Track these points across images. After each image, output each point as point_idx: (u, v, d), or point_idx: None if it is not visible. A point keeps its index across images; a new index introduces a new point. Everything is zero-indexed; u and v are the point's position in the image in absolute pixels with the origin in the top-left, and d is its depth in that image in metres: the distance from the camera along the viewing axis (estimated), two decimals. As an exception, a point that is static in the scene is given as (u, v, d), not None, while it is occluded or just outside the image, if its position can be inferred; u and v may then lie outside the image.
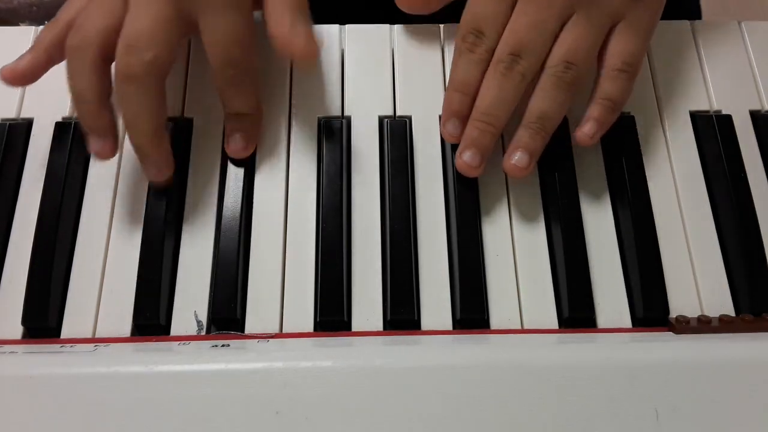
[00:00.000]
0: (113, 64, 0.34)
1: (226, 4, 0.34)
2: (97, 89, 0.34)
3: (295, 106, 0.40)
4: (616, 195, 0.38)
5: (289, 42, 0.34)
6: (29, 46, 0.41)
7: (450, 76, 0.38)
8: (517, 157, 0.36)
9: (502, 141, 0.39)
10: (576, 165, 0.38)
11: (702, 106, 0.41)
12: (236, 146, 0.37)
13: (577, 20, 0.36)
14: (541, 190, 0.38)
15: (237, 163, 0.37)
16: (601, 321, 0.35)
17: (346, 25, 0.42)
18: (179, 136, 0.38)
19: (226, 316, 0.34)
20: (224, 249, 0.36)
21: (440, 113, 0.40)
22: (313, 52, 0.34)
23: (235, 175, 0.37)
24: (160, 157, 0.35)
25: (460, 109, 0.37)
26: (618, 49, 0.37)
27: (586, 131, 0.37)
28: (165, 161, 0.36)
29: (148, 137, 0.34)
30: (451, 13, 0.43)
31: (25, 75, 0.36)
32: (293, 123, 0.39)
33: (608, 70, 0.37)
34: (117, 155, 0.37)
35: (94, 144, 0.35)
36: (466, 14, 0.37)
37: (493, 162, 0.38)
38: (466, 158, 0.36)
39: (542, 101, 0.36)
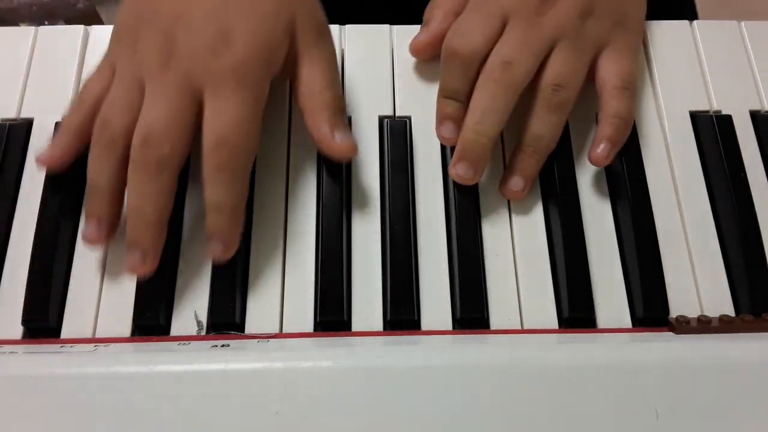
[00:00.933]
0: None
1: (231, 95, 0.34)
2: (116, 182, 0.34)
3: (295, 106, 0.39)
4: (616, 195, 0.38)
5: (330, 147, 0.36)
6: (29, 46, 0.41)
7: (440, 83, 0.38)
8: (512, 182, 0.37)
9: (503, 142, 0.39)
10: (576, 165, 0.38)
11: (702, 106, 0.41)
12: (214, 251, 0.34)
13: (563, 46, 0.37)
14: (541, 190, 0.38)
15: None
16: (601, 321, 0.35)
17: (346, 25, 0.42)
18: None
19: (226, 316, 0.34)
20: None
21: (440, 113, 0.40)
22: (352, 151, 0.36)
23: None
24: (150, 249, 0.34)
25: (453, 112, 0.37)
26: (613, 70, 0.38)
27: (600, 153, 0.37)
28: (153, 255, 0.34)
29: (149, 227, 0.34)
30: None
31: (61, 162, 0.36)
32: (293, 123, 0.39)
33: (610, 89, 0.37)
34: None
35: (90, 229, 0.35)
36: (456, 26, 0.38)
37: (493, 162, 0.38)
38: (459, 170, 0.37)
39: (535, 124, 0.37)
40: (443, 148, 0.39)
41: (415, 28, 0.42)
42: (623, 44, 0.39)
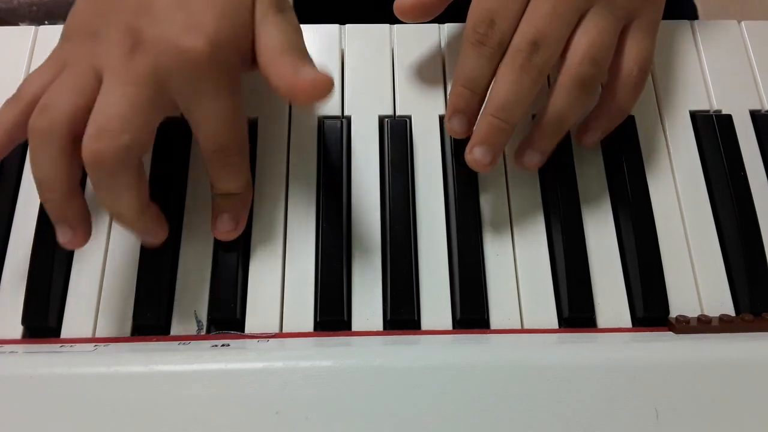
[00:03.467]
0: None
1: (212, 87, 0.32)
2: (65, 178, 0.31)
3: (295, 106, 0.39)
4: (616, 195, 0.38)
5: (296, 88, 0.32)
6: (29, 46, 0.41)
7: (457, 69, 0.36)
8: (528, 157, 0.36)
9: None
10: (576, 165, 0.38)
11: (702, 106, 0.41)
12: (224, 228, 0.35)
13: (597, 13, 0.34)
14: (541, 190, 0.38)
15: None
16: (601, 321, 0.35)
17: (346, 25, 0.42)
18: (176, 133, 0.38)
19: (226, 316, 0.34)
20: (224, 249, 0.36)
21: (440, 113, 0.40)
22: (326, 83, 0.32)
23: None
24: (151, 229, 0.34)
25: (467, 106, 0.35)
26: (634, 53, 0.36)
27: (593, 139, 0.37)
28: (158, 230, 0.34)
29: (133, 219, 0.33)
30: (451, 14, 0.43)
31: None
32: (293, 123, 0.39)
33: (624, 75, 0.36)
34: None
35: (62, 234, 0.33)
36: (477, 3, 0.35)
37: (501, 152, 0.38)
38: (477, 155, 0.34)
39: (562, 102, 0.34)
40: (443, 148, 0.39)
41: (415, 28, 0.42)
42: (650, 20, 0.36)
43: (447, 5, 0.37)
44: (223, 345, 0.32)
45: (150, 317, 0.34)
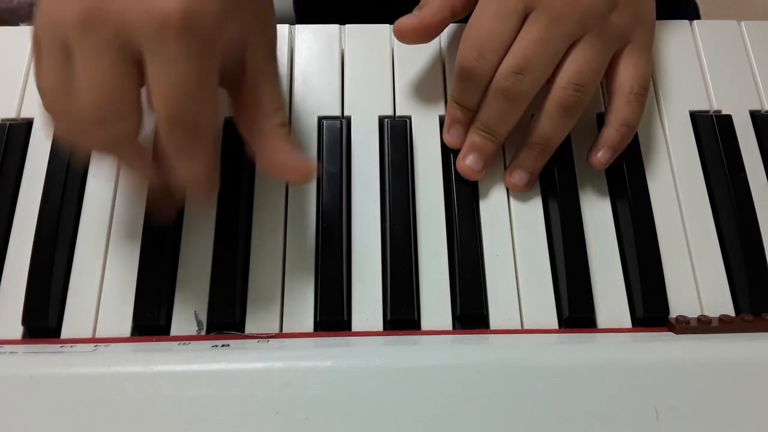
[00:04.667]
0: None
1: (174, 50, 0.28)
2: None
3: (295, 106, 0.39)
4: (616, 195, 0.38)
5: (297, 168, 0.32)
6: (29, 46, 0.41)
7: (451, 91, 0.38)
8: (517, 177, 0.37)
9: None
10: (576, 165, 0.38)
11: (702, 106, 0.41)
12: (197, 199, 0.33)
13: (588, 41, 0.35)
14: (541, 190, 0.38)
15: (237, 163, 0.37)
16: (601, 321, 0.35)
17: (346, 25, 0.42)
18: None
19: (226, 316, 0.34)
20: (224, 249, 0.35)
21: (440, 113, 0.40)
22: (311, 173, 0.33)
23: (236, 174, 0.37)
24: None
25: (464, 119, 0.37)
26: (631, 72, 0.37)
27: (601, 158, 0.37)
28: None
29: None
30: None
31: None
32: (293, 123, 0.39)
33: (625, 94, 0.36)
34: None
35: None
36: (470, 29, 0.36)
37: (493, 162, 0.38)
38: (468, 162, 0.37)
39: (546, 125, 0.36)
40: (443, 148, 0.39)
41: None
42: (643, 42, 0.37)
43: (446, 26, 0.38)
44: (223, 345, 0.32)
45: (150, 317, 0.34)
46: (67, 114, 0.30)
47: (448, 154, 0.38)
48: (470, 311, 0.35)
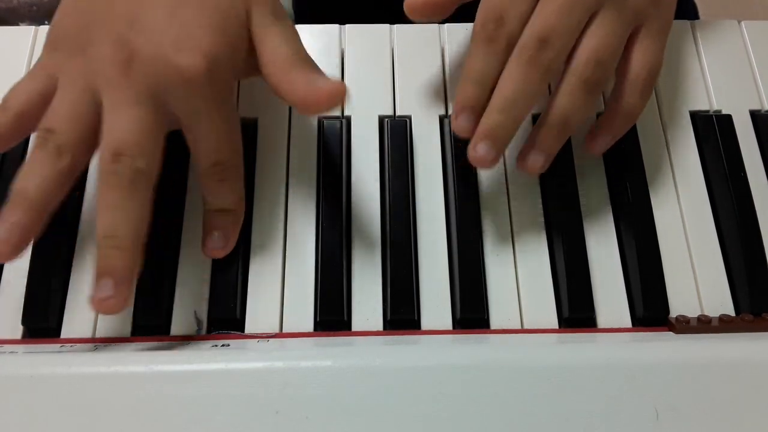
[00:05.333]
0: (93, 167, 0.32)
1: (209, 104, 0.32)
2: (49, 195, 0.31)
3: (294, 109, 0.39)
4: (616, 195, 0.38)
5: (312, 99, 0.32)
6: (29, 46, 0.41)
7: (465, 66, 0.35)
8: (532, 158, 0.35)
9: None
10: (576, 165, 0.38)
11: (702, 106, 0.41)
12: (214, 245, 0.34)
13: (605, 15, 0.34)
14: (541, 190, 0.38)
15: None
16: (601, 321, 0.35)
17: (346, 25, 0.42)
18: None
19: (226, 316, 0.34)
20: (224, 249, 0.36)
21: (440, 113, 0.40)
22: (342, 90, 0.32)
23: (235, 175, 0.37)
24: (125, 277, 0.30)
25: (475, 102, 0.34)
26: (643, 59, 0.35)
27: (600, 145, 0.36)
28: (128, 284, 0.30)
29: (123, 252, 0.30)
30: (452, 13, 0.43)
31: None
32: (293, 123, 0.39)
33: (633, 81, 0.35)
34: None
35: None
36: (485, 8, 0.35)
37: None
38: (481, 150, 0.34)
39: (567, 103, 0.34)
40: (443, 148, 0.39)
41: (415, 28, 0.42)
42: (658, 26, 0.36)
43: (458, 5, 0.37)
44: (223, 345, 0.32)
45: (150, 317, 0.34)
46: (66, 132, 0.31)
47: (448, 154, 0.38)
48: (471, 315, 0.34)
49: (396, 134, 0.39)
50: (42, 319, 0.34)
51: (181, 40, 0.31)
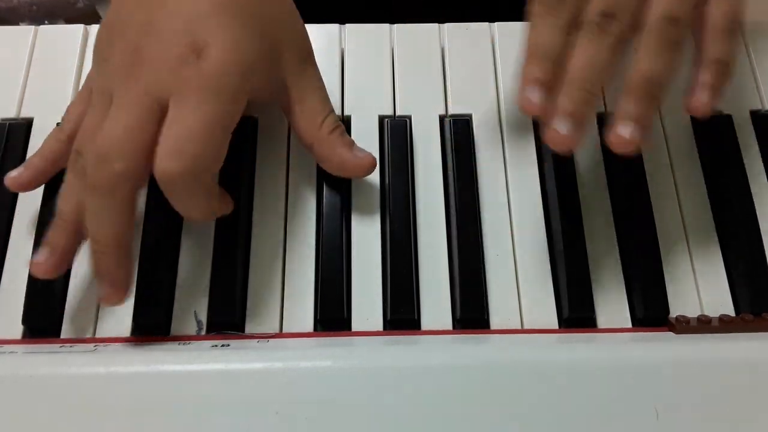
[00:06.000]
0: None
1: (204, 92, 0.31)
2: (79, 214, 0.32)
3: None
4: (616, 195, 0.38)
5: (359, 166, 0.35)
6: (29, 46, 0.41)
7: (528, 41, 0.33)
8: (622, 129, 0.32)
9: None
10: (576, 165, 0.38)
11: (702, 106, 0.40)
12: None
13: None
14: (540, 189, 0.38)
15: (237, 163, 0.37)
16: (601, 321, 0.35)
17: (346, 25, 0.42)
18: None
19: (226, 316, 0.34)
20: (224, 249, 0.35)
21: (440, 113, 0.40)
22: (375, 160, 0.36)
23: (235, 174, 0.37)
24: (117, 276, 0.32)
25: (544, 76, 0.32)
26: (724, 6, 0.34)
27: (703, 100, 0.33)
28: (123, 281, 0.32)
29: (109, 253, 0.32)
30: (452, 13, 0.43)
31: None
32: (293, 123, 0.39)
33: (717, 29, 0.34)
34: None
35: (40, 257, 0.33)
36: None
37: (491, 158, 0.38)
38: (562, 129, 0.31)
39: (648, 62, 0.32)
40: (443, 147, 0.39)
41: (415, 28, 0.42)
42: None
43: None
44: (223, 345, 0.32)
45: (150, 317, 0.34)
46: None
47: (448, 154, 0.38)
48: (471, 315, 0.34)
49: (396, 134, 0.39)
50: (42, 319, 0.34)
51: (190, 51, 0.31)
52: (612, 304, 0.35)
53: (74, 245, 0.33)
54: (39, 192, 0.37)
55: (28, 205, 0.37)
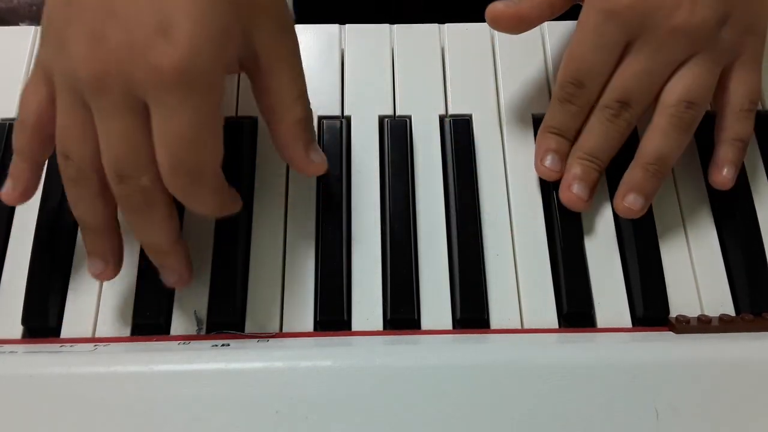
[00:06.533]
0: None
1: (181, 89, 0.28)
2: (104, 216, 0.32)
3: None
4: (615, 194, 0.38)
5: (305, 168, 0.34)
6: (29, 46, 0.41)
7: (546, 118, 0.37)
8: (631, 200, 0.35)
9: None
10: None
11: (702, 106, 0.40)
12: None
13: (696, 61, 0.34)
14: (540, 189, 0.38)
15: (236, 163, 0.37)
16: (601, 320, 0.35)
17: (346, 25, 0.42)
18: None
19: (226, 316, 0.34)
20: (224, 249, 0.35)
21: (440, 113, 0.40)
22: (324, 169, 0.35)
23: (235, 174, 0.37)
24: (181, 267, 0.33)
25: (558, 147, 0.36)
26: (743, 89, 0.36)
27: (727, 176, 0.36)
28: (186, 269, 0.34)
29: (166, 253, 0.32)
30: (452, 13, 0.43)
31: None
32: (293, 123, 0.39)
33: (736, 110, 0.36)
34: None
35: (94, 266, 0.33)
36: (569, 60, 0.36)
37: (491, 158, 0.38)
38: (576, 190, 0.36)
39: (661, 142, 0.35)
40: (443, 148, 0.39)
41: (415, 28, 0.42)
42: (753, 54, 0.36)
43: (542, 22, 0.37)
44: (223, 345, 0.32)
45: (150, 317, 0.34)
46: (80, 157, 0.31)
47: (448, 154, 0.38)
48: (471, 315, 0.34)
49: (396, 134, 0.39)
50: (42, 319, 0.34)
51: (156, 35, 0.28)
52: (612, 304, 0.35)
53: (119, 244, 0.33)
54: (38, 193, 0.37)
55: (28, 205, 0.37)
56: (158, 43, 0.28)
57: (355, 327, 0.34)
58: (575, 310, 0.35)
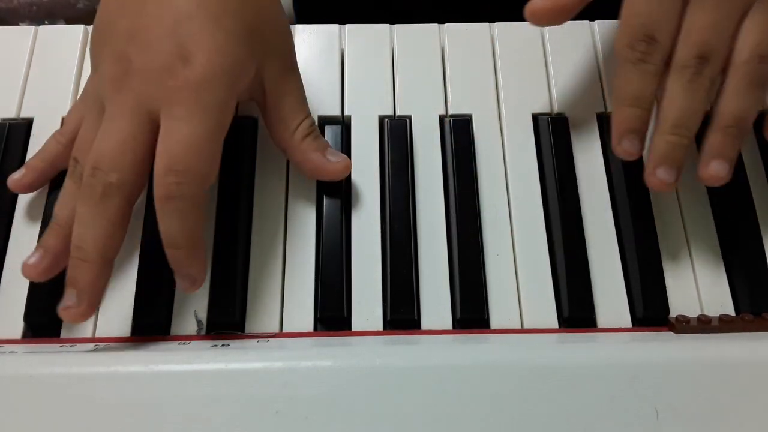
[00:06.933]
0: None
1: (193, 104, 0.31)
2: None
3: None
4: (616, 195, 0.38)
5: (330, 171, 0.36)
6: (29, 46, 0.41)
7: (618, 89, 0.35)
8: (716, 167, 0.34)
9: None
10: (576, 165, 0.38)
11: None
12: (182, 285, 0.33)
13: (758, 10, 0.33)
14: (540, 189, 0.38)
15: (236, 163, 0.37)
16: (601, 321, 0.35)
17: (346, 25, 0.42)
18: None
19: (226, 316, 0.34)
20: (224, 249, 0.35)
21: (440, 113, 0.40)
22: (349, 165, 0.36)
23: (235, 174, 0.37)
24: (87, 290, 0.32)
25: (639, 125, 0.34)
26: None
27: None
28: (90, 297, 0.32)
29: (87, 264, 0.31)
30: (452, 13, 0.43)
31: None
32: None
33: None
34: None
35: (32, 259, 0.33)
36: (630, 17, 0.34)
37: (491, 158, 0.38)
38: (661, 175, 0.34)
39: (738, 102, 0.33)
40: (443, 148, 0.39)
41: (415, 28, 0.42)
42: None
43: (580, 9, 0.36)
44: (223, 345, 0.32)
45: (150, 317, 0.34)
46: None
47: (448, 154, 0.38)
48: (471, 315, 0.34)
49: (396, 134, 0.39)
50: (44, 316, 0.34)
51: (176, 59, 0.31)
52: (612, 304, 0.35)
53: (67, 249, 0.32)
54: (38, 192, 0.37)
55: (28, 205, 0.37)
56: (177, 66, 0.31)
57: (355, 327, 0.34)
58: (577, 314, 0.35)
